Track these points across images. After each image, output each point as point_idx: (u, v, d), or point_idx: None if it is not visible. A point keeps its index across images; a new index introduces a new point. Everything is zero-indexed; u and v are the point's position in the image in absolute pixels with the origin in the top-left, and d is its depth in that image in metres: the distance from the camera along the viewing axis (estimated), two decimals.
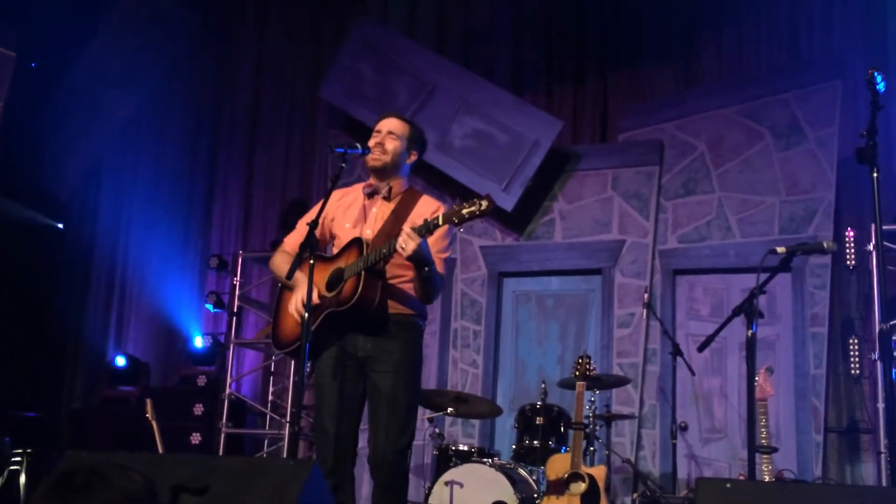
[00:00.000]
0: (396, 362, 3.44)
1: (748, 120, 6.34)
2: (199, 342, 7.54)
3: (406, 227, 3.29)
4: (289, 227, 6.95)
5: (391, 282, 3.47)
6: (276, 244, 7.07)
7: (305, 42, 8.17)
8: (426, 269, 3.35)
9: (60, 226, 8.56)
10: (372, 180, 3.65)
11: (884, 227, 2.98)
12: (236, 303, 7.34)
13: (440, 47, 7.53)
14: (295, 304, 3.44)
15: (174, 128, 8.52)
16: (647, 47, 7.05)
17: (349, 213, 3.63)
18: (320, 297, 3.42)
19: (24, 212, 8.29)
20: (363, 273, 3.34)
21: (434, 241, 3.41)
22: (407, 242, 3.22)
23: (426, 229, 3.26)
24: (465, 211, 3.21)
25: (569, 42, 7.29)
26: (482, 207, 3.19)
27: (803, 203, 6.06)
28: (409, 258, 3.26)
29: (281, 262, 3.67)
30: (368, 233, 3.53)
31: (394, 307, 3.47)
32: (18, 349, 7.71)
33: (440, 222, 3.25)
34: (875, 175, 2.72)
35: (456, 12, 7.72)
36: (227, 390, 7.08)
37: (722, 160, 6.36)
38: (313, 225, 3.34)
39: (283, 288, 3.65)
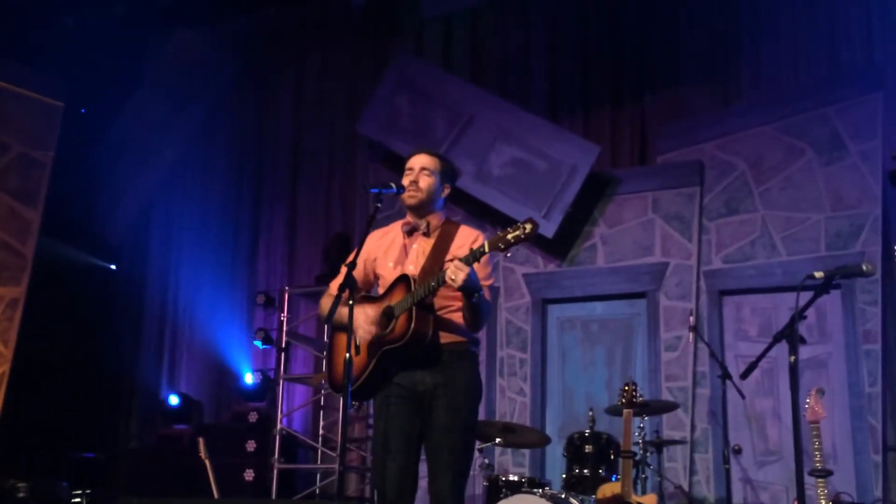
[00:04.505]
0: (454, 396, 3.46)
1: (788, 136, 6.25)
2: (249, 379, 7.64)
3: (453, 259, 3.33)
4: (331, 261, 7.10)
5: (440, 313, 3.50)
6: (321, 279, 7.18)
7: (344, 78, 8.26)
8: (475, 296, 3.37)
9: (113, 267, 8.76)
10: (409, 217, 3.70)
11: None
12: (284, 338, 7.45)
13: (476, 77, 7.58)
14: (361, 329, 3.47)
15: (219, 168, 8.69)
16: (684, 67, 6.98)
17: (391, 253, 3.68)
18: (373, 336, 3.45)
19: (78, 255, 8.50)
20: (414, 308, 3.39)
21: (478, 269, 3.43)
22: (456, 273, 3.25)
23: (473, 258, 3.30)
24: (510, 236, 3.25)
25: (605, 65, 7.25)
26: (527, 231, 3.23)
27: (849, 218, 5.94)
28: (460, 288, 3.30)
29: (327, 305, 3.71)
30: (412, 269, 3.56)
31: (446, 337, 3.50)
32: (74, 390, 7.89)
33: (486, 249, 3.29)
34: None
35: (491, 42, 7.76)
36: (279, 426, 7.16)
37: (764, 178, 6.28)
38: (351, 266, 3.40)
39: (334, 330, 3.68)
